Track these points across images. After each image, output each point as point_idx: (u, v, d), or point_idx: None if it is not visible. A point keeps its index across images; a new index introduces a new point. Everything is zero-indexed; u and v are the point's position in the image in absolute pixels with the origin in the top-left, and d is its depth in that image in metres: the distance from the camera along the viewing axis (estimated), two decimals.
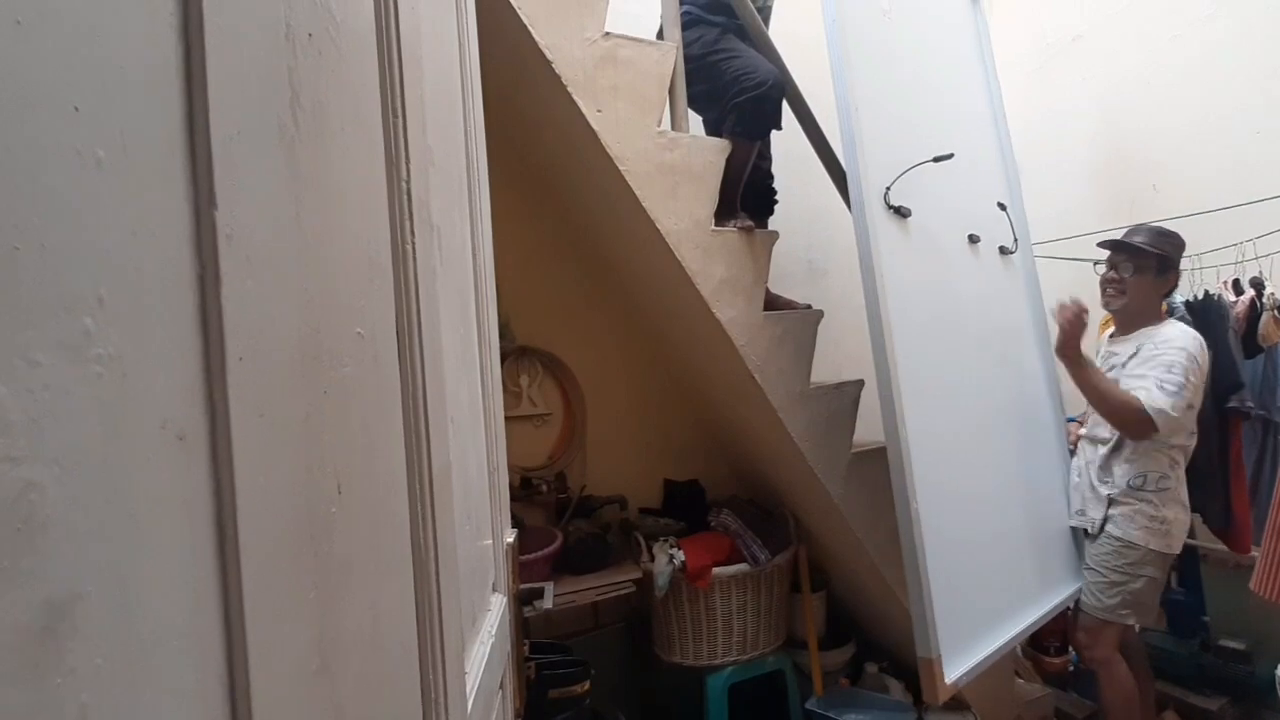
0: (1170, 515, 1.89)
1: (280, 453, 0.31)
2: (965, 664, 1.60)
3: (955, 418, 1.80)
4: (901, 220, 1.76)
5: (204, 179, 0.28)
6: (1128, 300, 1.95)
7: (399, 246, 0.54)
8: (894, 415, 1.54)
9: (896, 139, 1.78)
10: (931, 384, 1.72)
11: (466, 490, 0.74)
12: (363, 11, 0.51)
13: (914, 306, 1.72)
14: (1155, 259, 1.90)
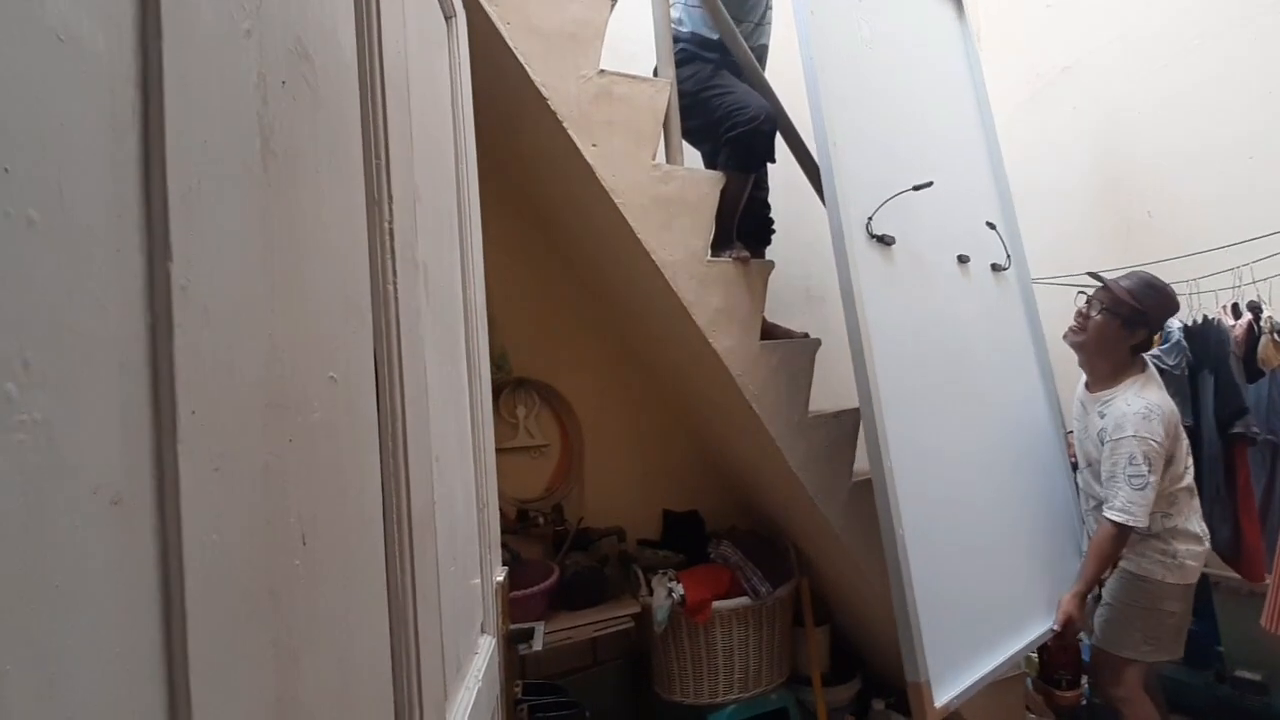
0: (1182, 548, 1.85)
1: (236, 507, 0.30)
2: (957, 687, 1.56)
3: (947, 438, 1.78)
4: (885, 248, 1.77)
5: (159, 230, 0.27)
6: (1084, 339, 1.91)
7: (380, 286, 0.54)
8: (877, 440, 1.53)
9: (880, 167, 1.80)
10: (920, 406, 1.71)
11: (453, 529, 0.73)
12: (344, 55, 0.51)
13: (899, 332, 1.71)
14: (1128, 309, 1.85)
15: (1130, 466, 1.76)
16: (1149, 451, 1.76)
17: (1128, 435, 1.78)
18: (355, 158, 0.51)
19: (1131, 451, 1.77)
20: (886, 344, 1.63)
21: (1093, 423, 1.92)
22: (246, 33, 0.35)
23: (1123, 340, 1.89)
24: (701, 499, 2.49)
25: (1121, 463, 1.78)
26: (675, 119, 1.84)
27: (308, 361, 0.39)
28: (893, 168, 1.81)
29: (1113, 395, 1.87)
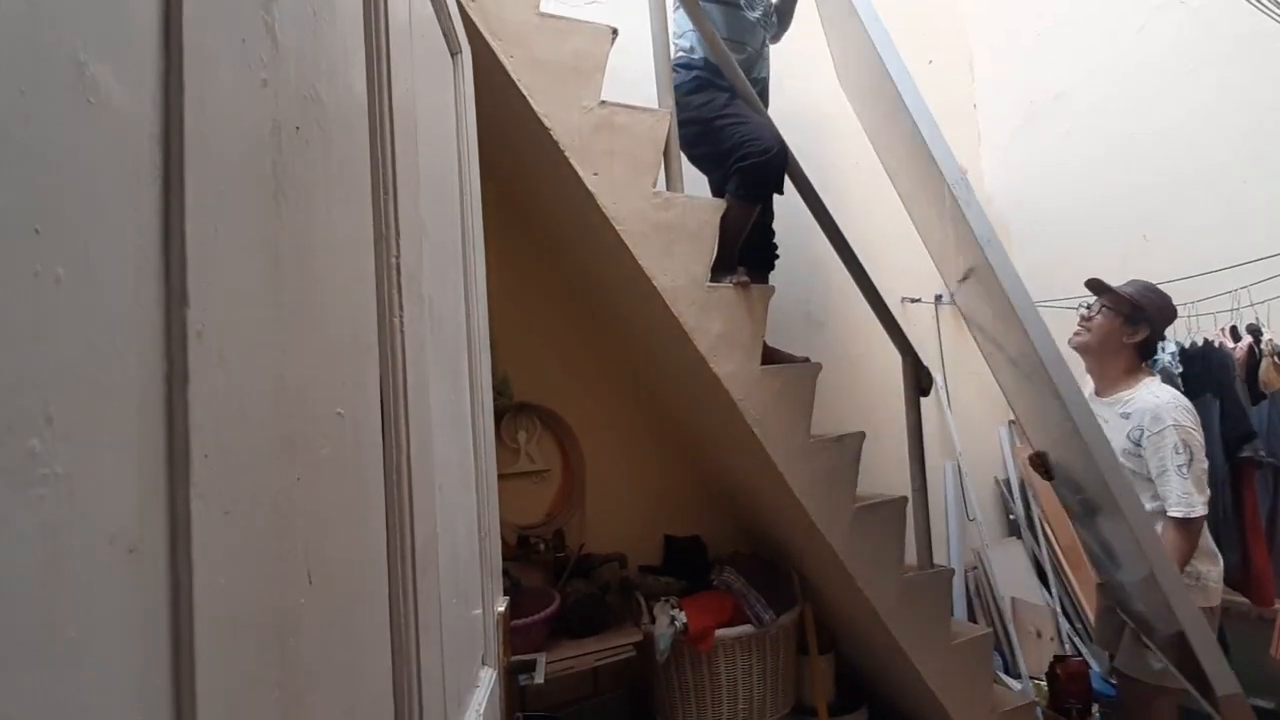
0: (1203, 569, 1.83)
1: (246, 548, 0.31)
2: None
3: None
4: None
5: (177, 278, 0.28)
6: (1089, 339, 1.93)
7: (386, 320, 0.55)
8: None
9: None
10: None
11: (454, 560, 0.73)
12: (354, 97, 0.52)
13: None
14: (1128, 306, 1.87)
15: (1176, 456, 1.74)
16: (1189, 439, 1.74)
17: (1168, 425, 1.75)
18: (364, 194, 0.53)
19: (1175, 441, 1.74)
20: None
21: (1115, 426, 1.90)
22: (263, 83, 0.36)
23: (1126, 338, 1.89)
24: (704, 524, 2.47)
25: (1168, 454, 1.75)
26: (675, 147, 1.87)
27: (316, 399, 0.40)
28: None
29: (1131, 394, 1.86)
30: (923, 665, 1.98)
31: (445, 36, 0.96)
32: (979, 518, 3.13)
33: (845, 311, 2.76)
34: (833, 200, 2.04)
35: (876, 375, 2.73)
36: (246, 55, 0.34)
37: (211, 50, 0.31)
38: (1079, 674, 2.53)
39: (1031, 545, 3.18)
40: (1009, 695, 2.42)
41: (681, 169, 1.88)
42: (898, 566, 1.99)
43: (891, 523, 2.01)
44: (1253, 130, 2.31)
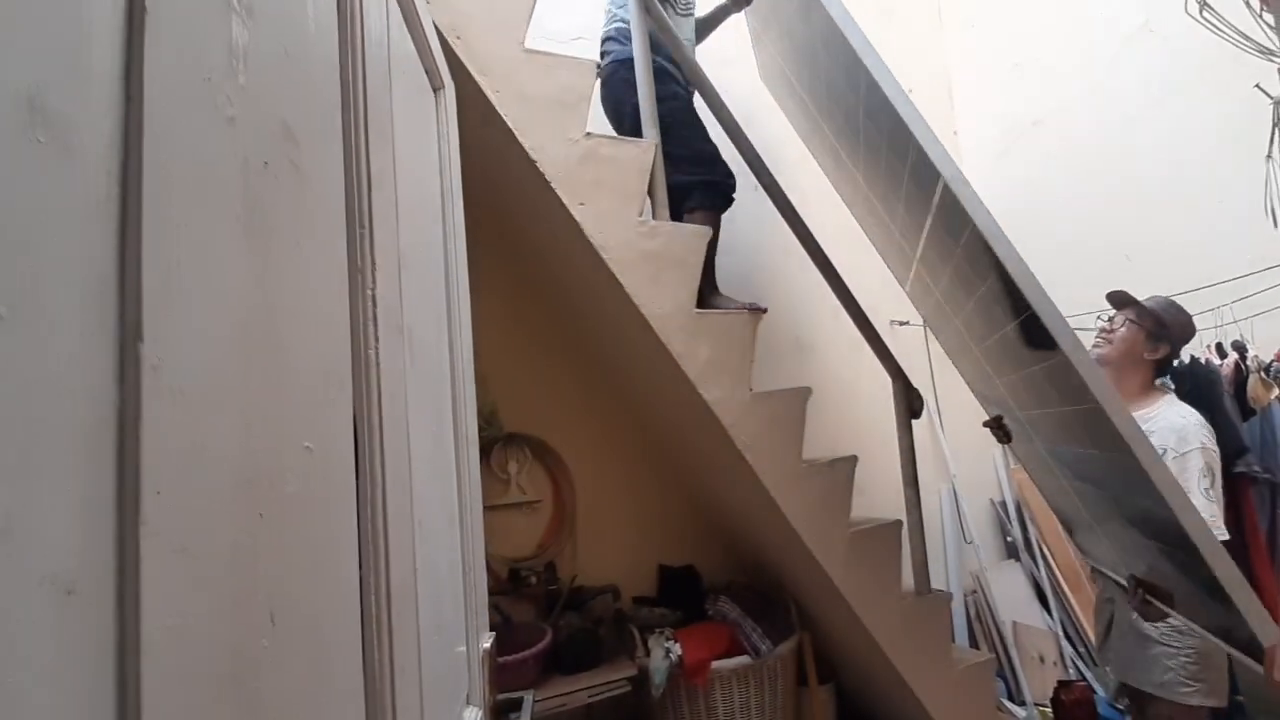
0: None
1: (200, 589, 0.30)
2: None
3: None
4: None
5: (132, 314, 0.28)
6: (1109, 351, 1.91)
7: (361, 353, 0.55)
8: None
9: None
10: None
11: (437, 597, 0.71)
12: (329, 132, 0.53)
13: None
14: (1151, 320, 1.84)
15: (1203, 479, 1.70)
16: (1212, 462, 1.71)
17: (1194, 448, 1.71)
18: (339, 229, 0.53)
19: (1201, 464, 1.70)
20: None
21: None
22: (230, 120, 0.36)
23: (1147, 354, 1.86)
24: (698, 553, 2.44)
25: (1194, 476, 1.70)
26: (660, 176, 1.90)
27: (283, 433, 0.39)
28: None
29: (1153, 411, 1.82)
30: (924, 694, 1.94)
31: (427, 73, 0.98)
32: (976, 541, 3.11)
33: (835, 335, 2.77)
34: (817, 225, 2.06)
35: (868, 399, 2.73)
36: (212, 93, 0.35)
37: (173, 88, 0.31)
38: (1084, 700, 2.48)
39: (1030, 567, 3.15)
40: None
41: (666, 199, 1.90)
42: (895, 592, 1.97)
43: (887, 547, 1.99)
44: (1224, 152, 2.37)
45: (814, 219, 2.17)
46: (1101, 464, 1.53)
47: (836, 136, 2.06)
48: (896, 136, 1.51)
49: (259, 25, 0.40)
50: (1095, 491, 1.75)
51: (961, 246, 1.50)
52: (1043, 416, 1.74)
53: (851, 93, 1.68)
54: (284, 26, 0.45)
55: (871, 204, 2.13)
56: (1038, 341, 1.38)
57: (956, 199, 1.35)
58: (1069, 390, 1.39)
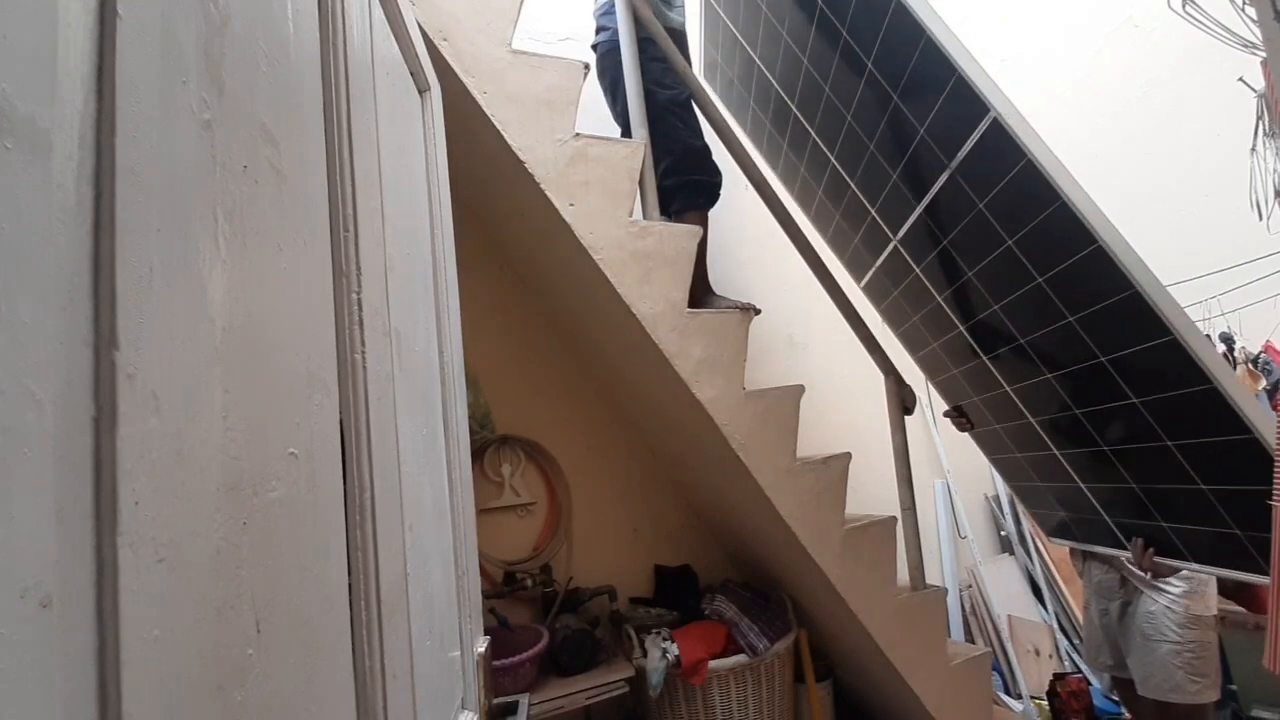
0: (1204, 575, 1.85)
1: (181, 599, 0.30)
2: None
3: None
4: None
5: (106, 320, 0.27)
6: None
7: (347, 357, 0.54)
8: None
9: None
10: None
11: (429, 601, 0.71)
12: (311, 135, 0.53)
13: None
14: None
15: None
16: None
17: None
18: (322, 232, 0.52)
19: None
20: None
21: None
22: (206, 124, 0.36)
23: None
24: (694, 553, 2.44)
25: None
26: (650, 176, 1.90)
27: (266, 439, 0.39)
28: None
29: None
30: (920, 689, 1.95)
31: (413, 75, 0.97)
32: (970, 536, 3.12)
33: (827, 333, 2.78)
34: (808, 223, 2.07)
35: (861, 396, 2.74)
36: (188, 96, 0.34)
37: (147, 91, 0.31)
38: (1080, 692, 2.50)
39: (1025, 561, 3.17)
40: (1010, 717, 2.39)
41: (656, 199, 1.90)
42: (890, 588, 1.97)
43: (882, 543, 1.99)
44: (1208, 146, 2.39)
45: (804, 217, 2.18)
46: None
47: (810, 121, 2.02)
48: (915, 94, 1.47)
49: (237, 28, 0.40)
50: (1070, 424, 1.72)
51: (987, 202, 1.45)
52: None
53: (848, 68, 1.66)
54: (263, 29, 0.44)
55: (838, 189, 2.09)
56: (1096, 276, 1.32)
57: (1005, 132, 1.29)
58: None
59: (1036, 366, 1.68)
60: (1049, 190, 1.27)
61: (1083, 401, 1.61)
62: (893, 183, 1.77)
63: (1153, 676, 1.85)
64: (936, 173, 1.56)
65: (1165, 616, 1.84)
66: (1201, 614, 1.83)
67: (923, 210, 1.70)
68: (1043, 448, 1.92)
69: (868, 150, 1.80)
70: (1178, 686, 1.81)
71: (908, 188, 1.73)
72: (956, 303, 1.87)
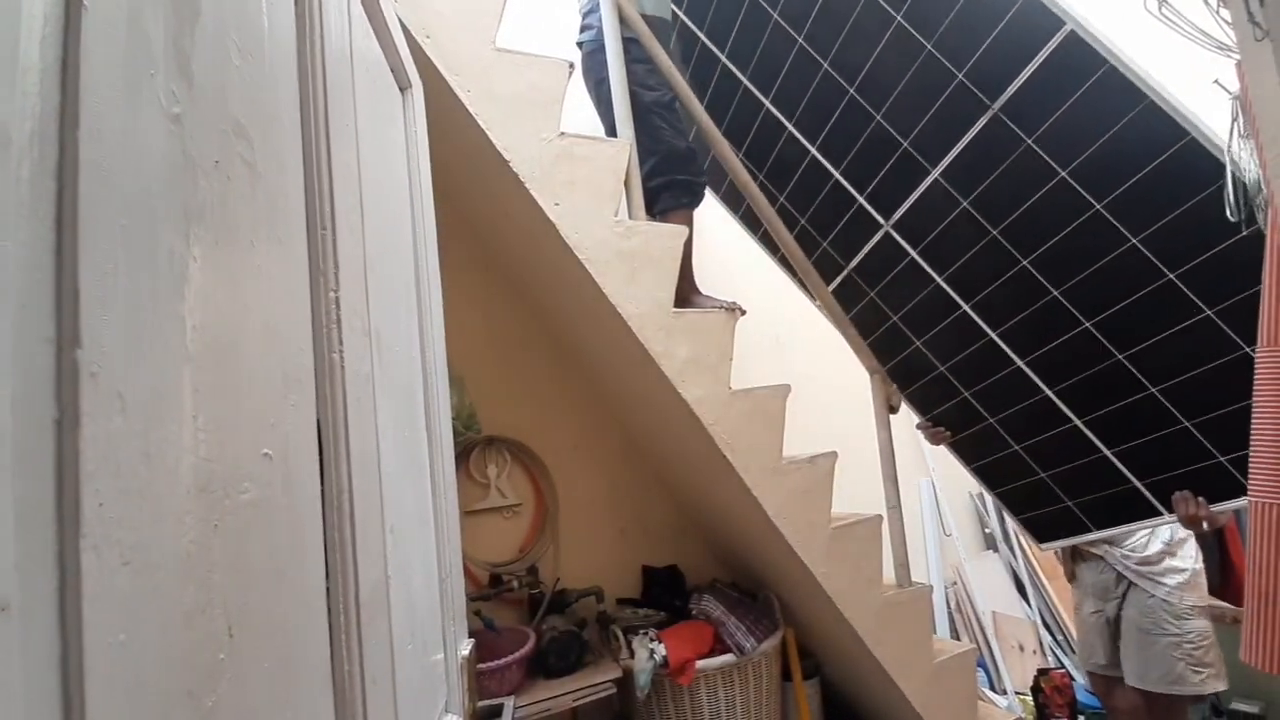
0: (1198, 566, 1.89)
1: (149, 604, 0.29)
2: None
3: None
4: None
5: (69, 318, 0.27)
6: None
7: (325, 356, 0.53)
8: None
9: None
10: None
11: (410, 605, 0.70)
12: (287, 131, 0.52)
13: None
14: None
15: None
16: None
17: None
18: (298, 230, 0.51)
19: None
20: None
21: None
22: (176, 118, 0.35)
23: None
24: (681, 553, 2.44)
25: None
26: (636, 176, 1.89)
27: (239, 440, 0.38)
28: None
29: None
30: (906, 686, 1.96)
31: (393, 71, 0.96)
32: (955, 533, 3.15)
33: (813, 333, 2.79)
34: None
35: (847, 395, 2.75)
36: (155, 90, 0.33)
37: (113, 84, 0.30)
38: (1063, 687, 2.53)
39: (1009, 558, 3.20)
40: (995, 712, 2.41)
41: (642, 199, 1.90)
42: (876, 586, 1.98)
43: (868, 542, 2.00)
44: None
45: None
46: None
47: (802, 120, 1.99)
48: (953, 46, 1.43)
49: (208, 21, 0.39)
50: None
51: (1037, 137, 1.38)
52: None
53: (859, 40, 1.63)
54: (236, 22, 0.44)
55: (814, 185, 2.05)
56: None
57: (1081, 42, 1.23)
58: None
59: (1072, 317, 1.55)
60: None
61: (1129, 342, 1.49)
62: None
63: (1153, 670, 1.87)
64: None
65: (1162, 610, 1.86)
66: (1196, 603, 1.86)
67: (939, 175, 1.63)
68: (1058, 424, 1.79)
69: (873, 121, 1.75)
70: (1180, 678, 1.83)
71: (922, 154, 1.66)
72: (962, 279, 1.79)
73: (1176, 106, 1.20)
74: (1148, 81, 1.21)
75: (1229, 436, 1.40)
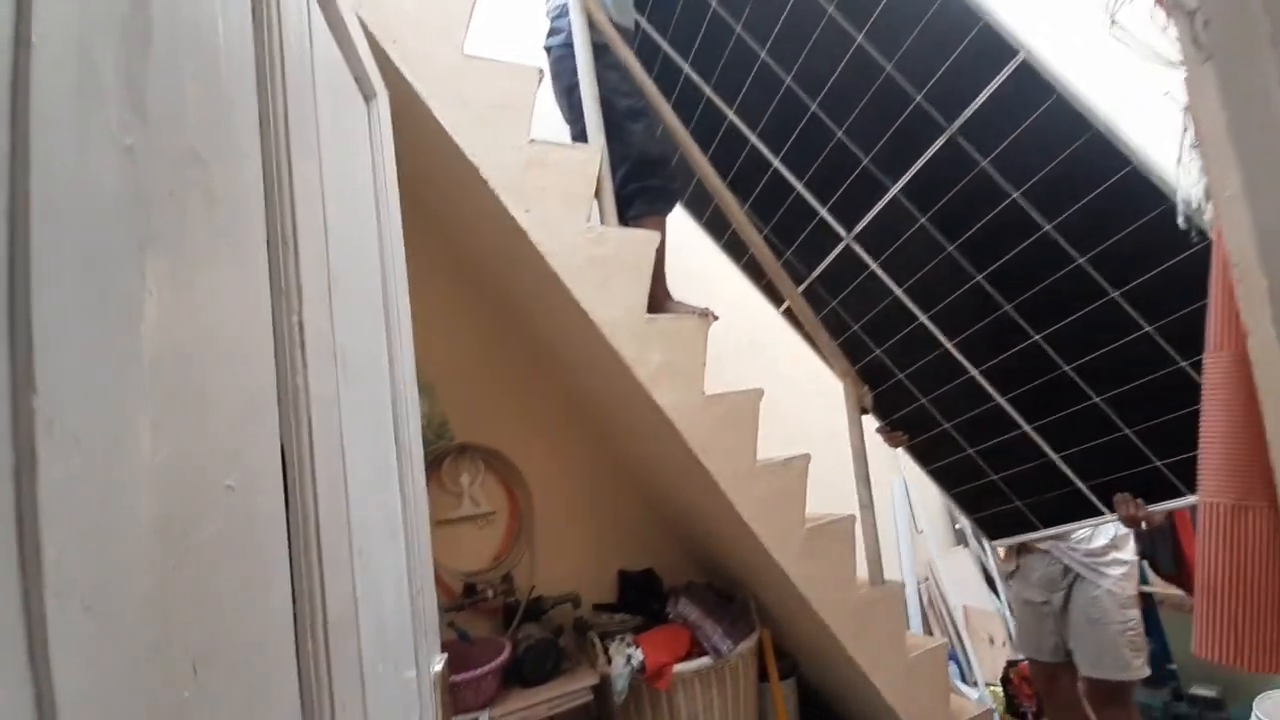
0: (1134, 558, 1.97)
1: (113, 645, 0.29)
2: None
3: None
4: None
5: (22, 364, 0.26)
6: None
7: (289, 380, 0.53)
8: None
9: None
10: None
11: (381, 624, 0.70)
12: (245, 154, 0.51)
13: None
14: None
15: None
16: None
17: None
18: (259, 254, 0.51)
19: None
20: None
21: None
22: (128, 149, 0.34)
23: None
24: (657, 556, 2.45)
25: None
26: (607, 182, 1.90)
27: (200, 473, 0.38)
28: None
29: None
30: (881, 682, 2.00)
31: (357, 81, 0.95)
32: (927, 530, 3.21)
33: (785, 336, 2.82)
34: None
35: (819, 397, 2.79)
36: (107, 123, 0.33)
37: (63, 121, 0.30)
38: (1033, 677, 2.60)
39: (978, 552, 3.28)
40: (966, 704, 2.46)
41: (614, 204, 1.90)
42: (850, 584, 2.01)
43: (842, 541, 2.04)
44: None
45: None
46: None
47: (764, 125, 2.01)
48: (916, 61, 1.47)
49: (161, 48, 0.39)
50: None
51: (993, 158, 1.44)
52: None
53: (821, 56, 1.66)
54: (190, 46, 0.43)
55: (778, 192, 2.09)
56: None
57: (1033, 71, 1.28)
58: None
59: (1023, 330, 1.63)
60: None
61: (1075, 354, 1.56)
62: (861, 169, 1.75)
63: (1104, 657, 1.95)
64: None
65: (1109, 600, 1.94)
66: (1133, 593, 1.95)
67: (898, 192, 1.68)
68: (1009, 429, 1.87)
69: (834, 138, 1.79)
70: (1127, 664, 1.91)
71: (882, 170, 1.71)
72: (920, 292, 1.84)
73: (1121, 136, 1.26)
74: (1095, 111, 1.26)
75: (1165, 442, 1.48)
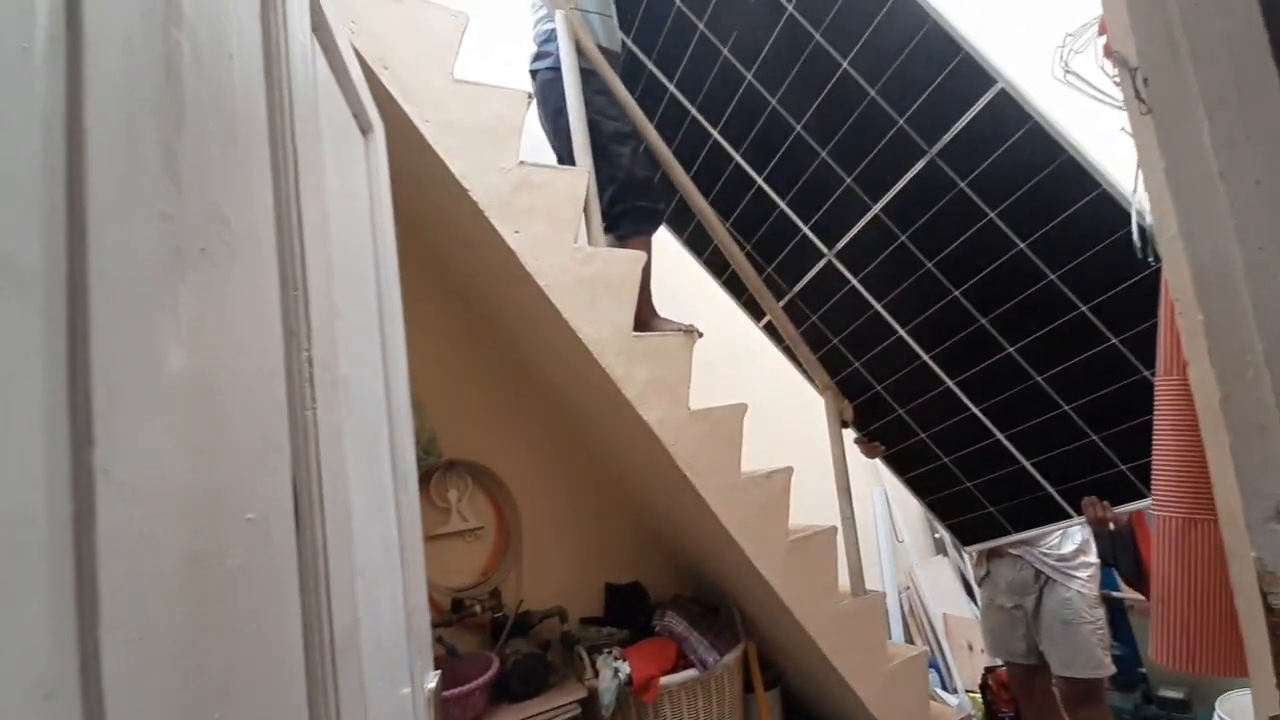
0: (1096, 560, 2.04)
1: (156, 674, 0.32)
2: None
3: None
4: None
5: (83, 421, 0.30)
6: None
7: (299, 415, 0.56)
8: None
9: None
10: None
11: (378, 643, 0.72)
12: (262, 208, 0.54)
13: None
14: None
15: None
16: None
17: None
18: (273, 296, 0.54)
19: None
20: None
21: None
22: (166, 217, 0.38)
23: None
24: (643, 569, 2.48)
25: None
26: (595, 203, 1.94)
27: (225, 509, 0.41)
28: None
29: None
30: (863, 691, 2.04)
31: (355, 117, 0.99)
32: (907, 539, 3.27)
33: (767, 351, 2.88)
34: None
35: (800, 411, 2.84)
36: (148, 194, 0.36)
37: (114, 198, 0.33)
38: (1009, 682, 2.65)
39: (957, 561, 3.34)
40: (946, 711, 2.51)
41: (601, 225, 1.94)
42: (832, 595, 2.05)
43: (824, 553, 2.08)
44: None
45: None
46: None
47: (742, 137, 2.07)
48: (899, 86, 1.55)
49: (192, 117, 0.42)
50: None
51: (970, 180, 1.52)
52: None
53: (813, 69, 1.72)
54: (215, 108, 0.46)
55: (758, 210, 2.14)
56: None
57: (1010, 100, 1.36)
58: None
59: (996, 342, 1.71)
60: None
61: (1046, 365, 1.64)
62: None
63: (1078, 656, 2.01)
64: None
65: (1080, 600, 2.01)
66: (1098, 593, 2.03)
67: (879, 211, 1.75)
68: (982, 438, 1.93)
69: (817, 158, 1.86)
70: (1100, 662, 1.99)
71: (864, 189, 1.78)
72: (899, 307, 1.91)
73: (1091, 161, 1.34)
74: (1067, 138, 1.34)
75: (1129, 447, 1.57)
